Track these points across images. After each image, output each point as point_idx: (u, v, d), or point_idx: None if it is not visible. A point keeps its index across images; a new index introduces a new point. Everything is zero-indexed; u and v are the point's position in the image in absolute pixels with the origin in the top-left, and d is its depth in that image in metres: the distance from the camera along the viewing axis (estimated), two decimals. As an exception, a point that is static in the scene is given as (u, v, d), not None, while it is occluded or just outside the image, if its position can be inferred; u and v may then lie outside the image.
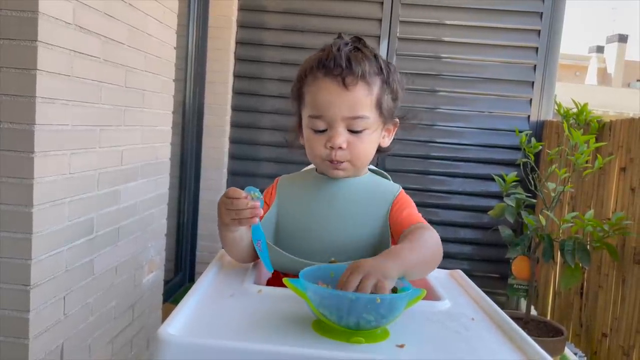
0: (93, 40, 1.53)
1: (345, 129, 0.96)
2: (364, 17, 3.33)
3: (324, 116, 0.95)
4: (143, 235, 2.03)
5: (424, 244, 0.89)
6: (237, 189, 0.90)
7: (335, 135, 0.95)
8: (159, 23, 2.00)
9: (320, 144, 0.97)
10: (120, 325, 1.88)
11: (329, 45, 0.98)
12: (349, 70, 0.94)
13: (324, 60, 0.95)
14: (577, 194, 2.80)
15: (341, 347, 0.70)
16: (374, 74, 0.97)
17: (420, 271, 0.90)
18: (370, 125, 0.97)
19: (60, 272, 1.45)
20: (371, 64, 0.97)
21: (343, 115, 0.95)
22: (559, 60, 3.36)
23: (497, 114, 3.37)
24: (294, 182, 1.08)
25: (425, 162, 3.40)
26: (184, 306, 0.76)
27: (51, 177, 1.37)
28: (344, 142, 0.96)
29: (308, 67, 0.98)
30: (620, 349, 2.29)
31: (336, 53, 0.95)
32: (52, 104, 1.35)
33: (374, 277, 0.72)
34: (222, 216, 0.92)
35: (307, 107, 0.99)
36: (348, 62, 0.94)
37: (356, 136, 0.96)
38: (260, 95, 3.41)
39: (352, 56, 0.95)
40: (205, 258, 3.42)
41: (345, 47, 0.96)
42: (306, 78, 0.99)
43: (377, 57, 1.00)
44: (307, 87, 0.98)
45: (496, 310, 0.87)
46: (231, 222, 0.91)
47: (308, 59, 1.00)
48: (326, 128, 0.96)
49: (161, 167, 2.17)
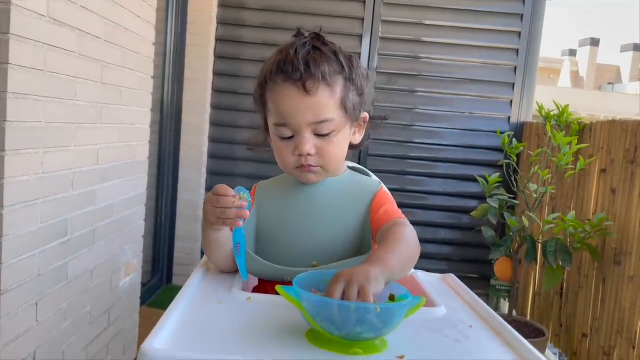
0: (68, 33, 1.46)
1: (312, 133, 0.92)
2: (346, 15, 3.30)
3: (288, 124, 0.92)
4: (120, 237, 1.96)
5: (404, 242, 0.88)
6: (226, 187, 0.86)
7: (302, 142, 0.92)
8: (137, 17, 1.93)
9: (289, 152, 0.94)
10: (95, 331, 1.81)
11: (286, 46, 0.93)
12: (308, 74, 0.89)
13: (282, 65, 0.91)
14: (558, 195, 2.82)
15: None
16: (335, 73, 0.92)
17: (402, 271, 0.87)
18: (337, 127, 0.93)
19: (32, 277, 1.39)
20: (331, 63, 0.92)
21: (308, 121, 0.91)
22: (538, 62, 3.39)
23: (477, 115, 3.38)
24: (272, 187, 1.05)
25: (404, 163, 3.39)
26: (170, 316, 0.71)
27: (23, 176, 1.30)
28: (312, 148, 0.92)
29: (267, 72, 0.94)
30: (600, 349, 2.31)
31: (293, 56, 0.90)
32: (24, 100, 1.28)
33: (357, 283, 0.69)
34: (207, 213, 0.88)
35: (272, 115, 0.95)
36: (307, 66, 0.89)
37: (324, 140, 0.93)
38: (241, 94, 3.35)
39: (310, 58, 0.90)
40: (184, 259, 3.35)
41: (302, 48, 0.91)
42: (267, 83, 0.94)
43: (337, 54, 0.94)
44: (269, 94, 0.94)
45: (493, 315, 0.85)
46: (215, 220, 0.87)
47: (267, 62, 0.95)
48: (293, 135, 0.93)
49: (139, 166, 2.10)
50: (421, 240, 0.92)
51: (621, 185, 2.27)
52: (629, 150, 2.23)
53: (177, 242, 3.34)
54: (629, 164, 2.22)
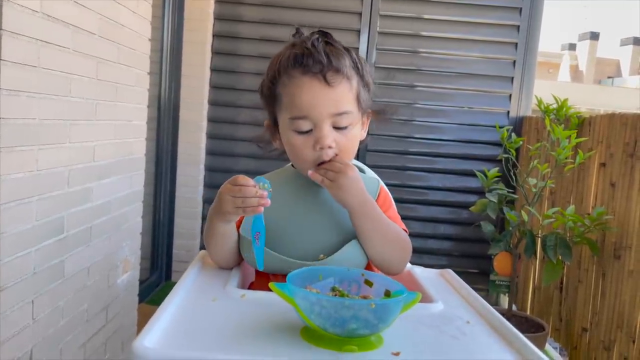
0: (62, 29, 1.45)
1: (331, 126, 0.92)
2: (343, 10, 3.28)
3: (309, 116, 0.91)
4: (117, 235, 1.95)
5: (393, 229, 0.96)
6: (245, 177, 0.86)
7: (323, 135, 0.91)
8: (133, 13, 1.92)
9: (307, 147, 0.93)
10: (93, 329, 1.81)
11: (299, 41, 0.94)
12: (329, 66, 0.90)
13: (301, 58, 0.91)
14: (557, 189, 2.81)
15: (333, 357, 0.66)
16: (351, 67, 0.94)
17: (376, 239, 0.93)
18: (353, 120, 0.94)
19: (28, 275, 1.38)
20: (346, 58, 0.94)
21: (329, 113, 0.91)
22: (537, 56, 3.37)
23: (476, 110, 3.37)
24: (277, 181, 1.03)
25: (404, 158, 3.38)
26: (162, 314, 0.70)
27: (17, 174, 1.29)
28: (333, 141, 0.92)
29: (282, 66, 0.93)
30: (600, 343, 2.30)
31: (312, 49, 0.91)
32: (17, 97, 1.27)
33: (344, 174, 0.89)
34: (225, 204, 0.87)
35: (286, 109, 0.94)
36: (327, 58, 0.90)
37: (341, 133, 0.93)
38: (238, 90, 3.34)
39: (329, 51, 0.92)
40: (182, 256, 3.34)
41: (317, 42, 0.92)
42: (280, 78, 0.93)
43: (349, 50, 0.96)
44: (283, 88, 0.93)
45: (491, 311, 0.84)
46: (234, 210, 0.86)
47: (278, 58, 0.95)
48: (311, 128, 0.92)
49: (136, 163, 2.09)
50: (421, 236, 0.95)
51: (621, 179, 2.26)
52: (629, 144, 2.22)
53: (176, 239, 3.34)
54: (628, 158, 2.21)
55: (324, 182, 0.91)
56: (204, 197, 3.40)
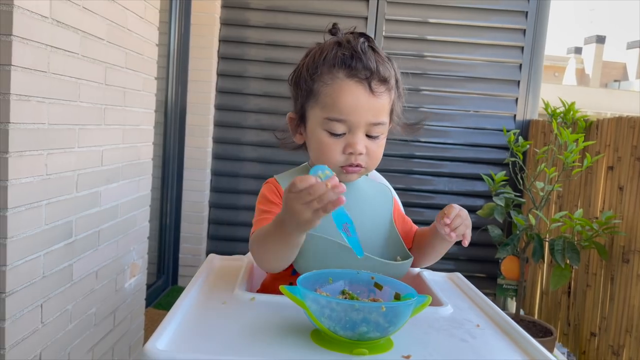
0: (71, 35, 1.46)
1: (364, 133, 0.92)
2: (349, 15, 3.29)
3: (347, 120, 0.90)
4: (125, 239, 1.96)
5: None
6: (303, 177, 0.72)
7: (356, 141, 0.90)
8: (140, 19, 1.93)
9: (337, 149, 0.91)
10: (101, 332, 1.81)
11: (344, 40, 0.91)
12: (377, 74, 0.89)
13: (349, 60, 0.89)
14: (564, 193, 2.80)
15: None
16: (392, 77, 0.93)
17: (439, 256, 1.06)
18: (384, 130, 0.95)
19: (37, 279, 1.38)
20: (388, 67, 0.93)
21: (367, 121, 0.90)
22: (544, 59, 3.37)
23: (483, 113, 3.36)
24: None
25: (410, 162, 3.37)
26: (173, 317, 0.71)
27: (27, 178, 1.30)
28: (364, 147, 0.92)
29: (326, 64, 0.90)
30: (609, 348, 2.29)
31: (361, 53, 0.89)
32: (28, 102, 1.28)
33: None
34: (300, 214, 0.73)
35: (323, 107, 0.91)
36: (376, 66, 0.89)
37: (372, 141, 0.93)
38: (245, 94, 3.35)
39: (377, 59, 0.90)
40: (189, 261, 3.34)
41: (365, 46, 0.90)
42: (321, 75, 0.91)
43: (390, 59, 0.95)
44: (324, 86, 0.90)
45: (500, 314, 0.84)
46: (315, 214, 0.72)
47: (321, 53, 0.92)
48: (345, 132, 0.91)
49: (143, 167, 2.10)
50: None
51: (629, 182, 2.24)
52: (636, 147, 2.21)
53: (182, 243, 3.34)
54: (636, 161, 2.20)
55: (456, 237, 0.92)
56: (210, 202, 3.41)
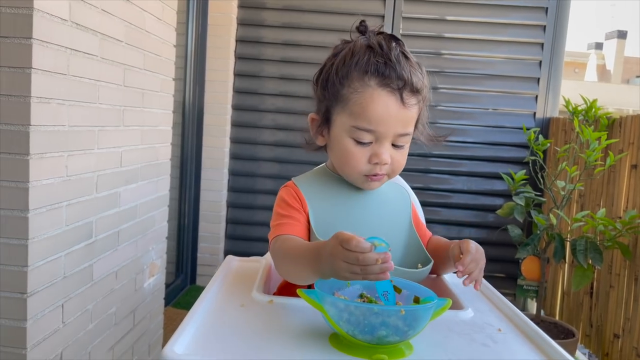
0: (90, 37, 1.47)
1: (390, 143, 0.90)
2: (365, 13, 3.27)
3: (375, 131, 0.88)
4: (144, 239, 1.97)
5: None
6: (360, 240, 0.69)
7: (383, 151, 0.89)
8: (158, 20, 1.94)
9: (363, 158, 0.90)
10: (121, 332, 1.83)
11: (376, 44, 0.87)
12: (409, 86, 0.87)
13: (383, 69, 0.85)
14: (586, 192, 2.75)
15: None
16: (424, 88, 0.90)
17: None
18: (410, 140, 0.94)
19: (59, 279, 1.40)
20: (421, 76, 0.89)
21: (396, 132, 0.89)
22: (564, 56, 3.31)
23: (501, 111, 3.32)
24: (316, 186, 0.98)
25: (427, 161, 3.35)
26: (190, 320, 0.71)
27: (47, 180, 1.31)
28: (389, 157, 0.90)
29: (357, 70, 0.87)
30: (633, 350, 2.24)
31: (395, 63, 0.86)
32: (48, 104, 1.29)
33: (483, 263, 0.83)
34: (340, 269, 0.70)
35: (351, 115, 0.88)
36: (409, 76, 0.86)
37: (397, 150, 0.92)
38: (261, 94, 3.36)
39: (409, 68, 0.87)
40: (207, 260, 3.37)
41: (395, 51, 0.87)
42: (351, 80, 0.87)
43: (420, 65, 0.91)
44: (354, 93, 0.87)
45: (523, 318, 0.82)
46: (352, 276, 0.70)
47: (352, 57, 0.88)
48: (371, 141, 0.89)
49: (162, 168, 2.12)
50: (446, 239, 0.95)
51: (653, 181, 2.19)
52: (662, 145, 2.16)
53: (200, 242, 3.37)
54: (661, 159, 2.15)
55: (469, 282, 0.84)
56: (227, 201, 3.43)
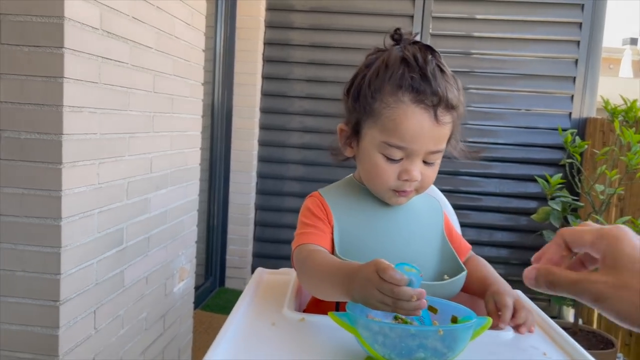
0: (121, 45, 1.48)
1: (421, 160, 0.87)
2: (394, 14, 3.23)
3: (406, 148, 0.84)
4: (173, 244, 1.98)
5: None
6: (396, 270, 0.65)
7: (413, 168, 0.85)
8: (187, 25, 1.94)
9: (392, 175, 0.86)
10: (151, 337, 1.84)
11: (411, 57, 0.83)
12: (445, 101, 0.83)
13: (418, 84, 0.82)
14: (627, 196, 2.64)
15: (399, 391, 0.62)
16: (459, 104, 0.87)
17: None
18: (441, 156, 0.90)
19: (90, 286, 1.41)
20: (456, 92, 0.86)
21: (428, 150, 0.85)
22: (601, 54, 3.19)
23: (535, 112, 3.23)
24: (343, 197, 0.95)
25: (456, 163, 3.27)
26: (221, 340, 0.69)
27: (79, 188, 1.32)
28: (419, 174, 0.87)
29: (391, 84, 0.83)
30: (677, 362, 2.14)
31: (431, 78, 0.82)
32: (80, 113, 1.30)
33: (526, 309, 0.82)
34: (370, 296, 0.66)
35: (383, 131, 0.85)
36: (445, 92, 0.83)
37: (428, 167, 0.88)
38: (289, 97, 3.35)
39: (445, 83, 0.84)
40: (236, 262, 3.37)
41: (430, 65, 0.83)
42: (385, 96, 0.84)
43: (455, 78, 0.87)
44: (387, 109, 0.84)
45: (571, 343, 0.77)
46: (381, 306, 0.66)
47: (385, 69, 0.84)
48: (402, 158, 0.86)
49: (191, 173, 2.12)
50: (476, 243, 0.94)
51: (699, 185, 2.09)
52: None
53: (229, 245, 3.38)
54: None
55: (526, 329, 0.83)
56: (256, 204, 3.43)
